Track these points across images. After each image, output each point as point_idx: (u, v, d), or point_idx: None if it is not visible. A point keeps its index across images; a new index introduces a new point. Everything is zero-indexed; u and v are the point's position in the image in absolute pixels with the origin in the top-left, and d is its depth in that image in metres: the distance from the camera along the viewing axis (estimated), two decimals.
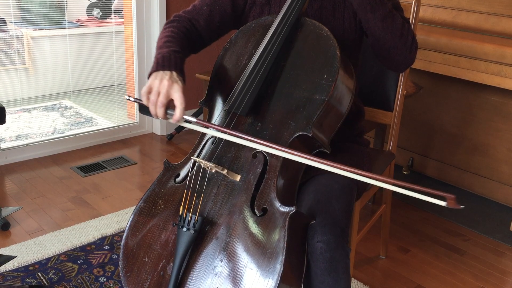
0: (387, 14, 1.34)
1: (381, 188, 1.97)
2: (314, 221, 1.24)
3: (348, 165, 1.42)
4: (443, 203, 1.08)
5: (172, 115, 1.20)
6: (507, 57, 2.18)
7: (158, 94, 1.20)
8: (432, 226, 2.41)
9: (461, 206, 1.09)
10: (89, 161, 2.89)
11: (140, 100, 1.24)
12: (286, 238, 1.13)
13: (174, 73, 1.24)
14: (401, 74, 1.82)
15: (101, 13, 3.51)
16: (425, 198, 1.11)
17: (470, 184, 2.71)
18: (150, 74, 1.26)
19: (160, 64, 1.25)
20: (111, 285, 1.85)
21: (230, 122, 1.30)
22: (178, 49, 1.33)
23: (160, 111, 1.20)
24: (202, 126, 1.24)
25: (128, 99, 1.25)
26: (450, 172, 2.77)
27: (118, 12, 3.37)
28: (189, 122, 1.22)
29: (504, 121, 2.52)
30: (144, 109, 1.23)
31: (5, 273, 1.88)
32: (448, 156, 2.76)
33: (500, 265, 2.15)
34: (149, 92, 1.21)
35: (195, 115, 3.20)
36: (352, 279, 1.95)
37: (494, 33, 2.48)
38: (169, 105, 1.21)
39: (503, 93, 2.46)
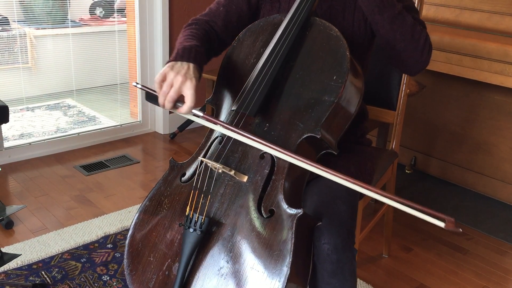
0: (396, 16, 1.30)
1: (383, 187, 1.98)
2: (320, 223, 1.23)
3: (352, 171, 1.42)
4: (441, 224, 1.08)
5: (179, 107, 1.20)
6: (510, 55, 2.17)
7: (171, 86, 1.20)
8: (434, 225, 2.40)
9: (460, 230, 1.08)
10: (92, 160, 2.90)
11: (148, 88, 1.23)
12: (293, 240, 1.12)
13: (191, 66, 1.23)
14: (403, 73, 1.81)
15: (104, 12, 3.51)
16: (424, 217, 1.11)
17: (473, 183, 2.70)
18: (167, 63, 1.24)
19: (180, 55, 1.24)
20: (114, 283, 1.86)
21: (238, 122, 1.28)
22: (200, 44, 1.32)
23: (168, 105, 1.20)
24: (209, 122, 1.23)
25: (136, 86, 1.24)
26: (453, 171, 2.76)
27: (121, 11, 3.37)
28: (197, 116, 1.21)
29: (507, 119, 2.51)
30: (151, 98, 1.22)
31: (9, 272, 1.88)
32: (451, 155, 2.76)
33: (503, 264, 2.15)
34: (163, 81, 1.20)
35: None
36: None
37: (497, 31, 2.47)
38: (179, 98, 1.21)
39: (506, 91, 2.46)
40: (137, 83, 1.24)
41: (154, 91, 1.22)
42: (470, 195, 2.68)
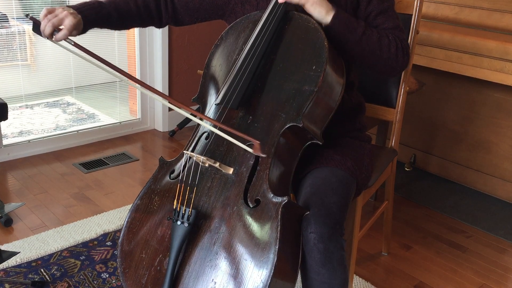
0: (359, 38, 1.34)
1: (383, 185, 1.97)
2: (308, 212, 1.25)
3: (349, 165, 1.42)
4: (250, 150, 1.18)
5: (55, 34, 1.33)
6: (510, 53, 2.17)
7: (55, 16, 1.33)
8: (434, 223, 2.41)
9: (263, 155, 1.20)
10: (91, 158, 2.89)
11: (37, 19, 1.35)
12: (279, 228, 1.15)
13: (79, 16, 1.36)
14: (403, 71, 1.81)
15: None
16: (234, 141, 1.21)
17: (472, 181, 2.70)
18: None
19: (76, 6, 1.41)
20: (113, 281, 1.86)
21: (221, 115, 1.31)
22: (109, 8, 1.45)
23: (48, 29, 1.32)
24: (91, 56, 1.33)
25: (26, 16, 1.37)
26: (452, 169, 2.76)
27: None
28: (71, 44, 1.32)
29: (507, 117, 2.51)
30: (36, 28, 1.35)
31: (8, 269, 1.88)
32: (450, 153, 2.76)
33: (502, 262, 2.15)
34: (50, 12, 1.34)
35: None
36: (354, 275, 1.95)
37: (497, 29, 2.47)
38: (59, 29, 1.33)
39: (505, 89, 2.46)
40: (28, 14, 1.37)
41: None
42: (470, 193, 2.68)
